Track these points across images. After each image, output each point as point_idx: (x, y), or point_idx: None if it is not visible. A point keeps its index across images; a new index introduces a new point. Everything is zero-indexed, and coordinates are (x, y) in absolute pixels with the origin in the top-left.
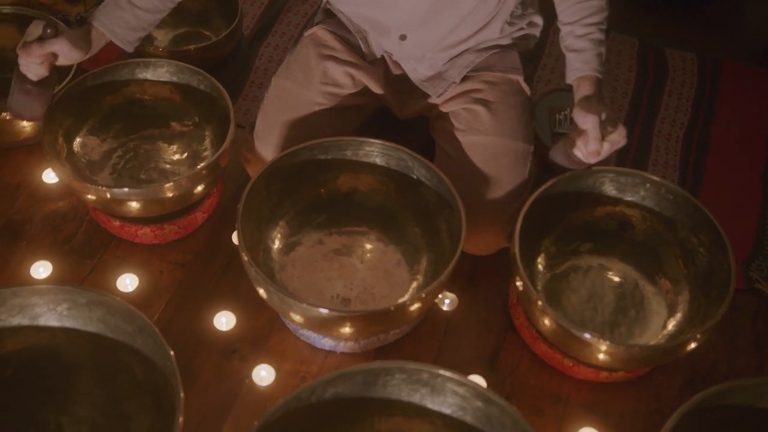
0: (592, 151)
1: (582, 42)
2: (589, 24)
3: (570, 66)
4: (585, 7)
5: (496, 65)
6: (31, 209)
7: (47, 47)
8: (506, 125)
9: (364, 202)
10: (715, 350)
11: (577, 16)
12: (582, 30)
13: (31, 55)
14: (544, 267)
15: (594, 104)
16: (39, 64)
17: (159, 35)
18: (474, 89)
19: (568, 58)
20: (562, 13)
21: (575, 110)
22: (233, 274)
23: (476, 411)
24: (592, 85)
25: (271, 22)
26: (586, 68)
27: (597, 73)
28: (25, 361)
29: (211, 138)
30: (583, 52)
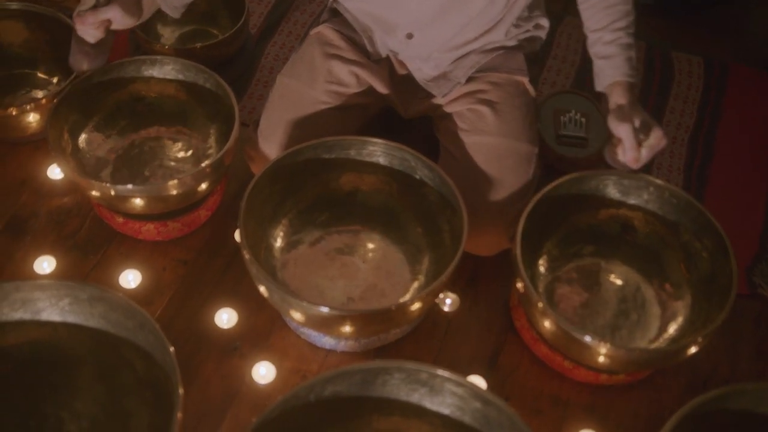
0: (630, 159)
1: (611, 48)
2: (617, 29)
3: (600, 73)
4: (612, 13)
5: (502, 66)
6: (36, 205)
7: (101, 15)
8: (510, 126)
9: (367, 201)
10: (716, 355)
11: (604, 21)
12: (610, 36)
13: (86, 23)
14: (546, 269)
15: (627, 112)
16: (95, 30)
17: (165, 33)
18: (479, 90)
19: (597, 65)
20: (589, 20)
21: (609, 119)
22: (235, 272)
23: (474, 411)
24: (625, 91)
25: (277, 21)
26: (617, 74)
27: (629, 78)
28: (27, 355)
29: (216, 136)
30: (612, 57)
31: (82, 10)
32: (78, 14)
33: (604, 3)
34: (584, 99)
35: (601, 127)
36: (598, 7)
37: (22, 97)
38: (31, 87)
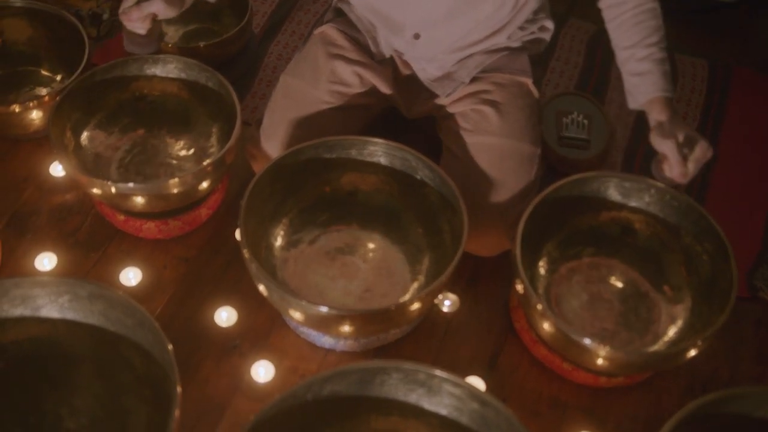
0: (677, 175)
1: (645, 64)
2: (649, 45)
3: (636, 90)
4: (642, 29)
5: (506, 67)
6: (38, 202)
7: (145, 10)
8: (514, 127)
9: (368, 201)
10: (716, 358)
11: (635, 38)
12: (643, 52)
13: (132, 20)
14: (546, 270)
15: (668, 128)
16: (141, 23)
17: (169, 31)
18: (483, 90)
19: (631, 82)
20: (619, 38)
21: (651, 137)
22: (236, 271)
23: (472, 412)
24: (664, 107)
25: (281, 21)
26: (654, 90)
27: (666, 93)
28: (26, 351)
29: (218, 135)
30: (648, 74)
31: (126, 7)
32: (123, 12)
33: (634, 20)
34: (587, 101)
35: (602, 129)
36: (628, 24)
37: (25, 95)
38: (35, 84)
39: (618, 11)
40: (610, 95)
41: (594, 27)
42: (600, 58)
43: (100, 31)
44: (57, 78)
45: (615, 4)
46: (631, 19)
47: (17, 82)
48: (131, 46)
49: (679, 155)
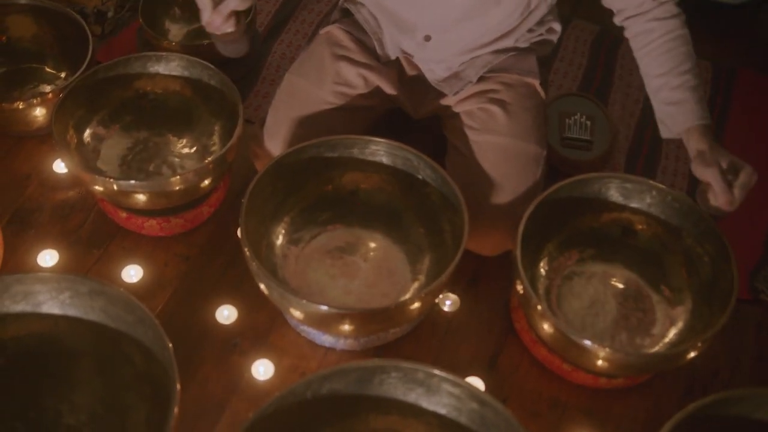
0: (724, 202)
1: (680, 93)
2: (683, 72)
3: (671, 119)
4: (674, 56)
5: (514, 68)
6: (41, 198)
7: (224, 11)
8: (521, 127)
9: (369, 200)
10: (717, 360)
11: (667, 66)
12: (677, 80)
13: (215, 26)
14: (547, 271)
15: (709, 156)
16: (226, 26)
17: (173, 29)
18: (490, 89)
19: (666, 111)
20: (649, 65)
21: (693, 167)
22: (237, 269)
23: (471, 412)
24: (702, 135)
25: (285, 20)
26: (692, 119)
27: (705, 121)
28: (27, 347)
29: (220, 133)
30: (684, 103)
31: (207, 15)
32: (206, 22)
33: (665, 47)
34: (590, 102)
35: (605, 130)
36: (658, 52)
37: (29, 92)
38: (39, 81)
39: (647, 39)
40: (613, 96)
41: (597, 28)
42: (603, 60)
43: (105, 29)
44: (61, 75)
45: (643, 32)
46: (661, 46)
47: (21, 79)
48: (227, 49)
49: (724, 182)
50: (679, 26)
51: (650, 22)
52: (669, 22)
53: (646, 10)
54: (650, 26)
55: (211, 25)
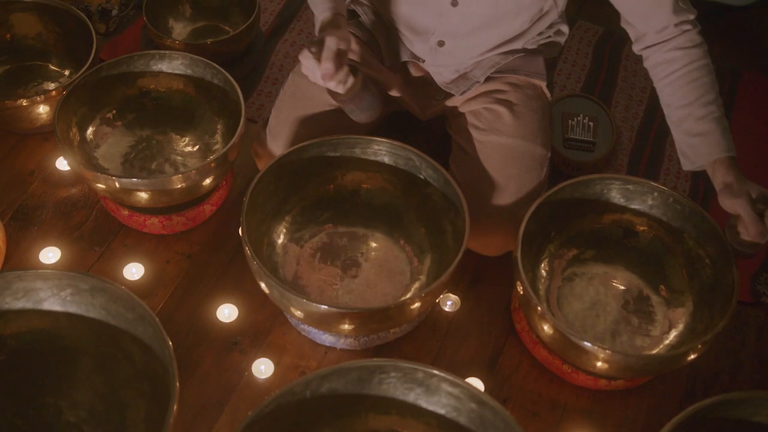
0: (755, 234)
1: (705, 124)
2: (707, 103)
3: (695, 151)
4: (697, 87)
5: (521, 69)
6: (44, 195)
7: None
8: (527, 129)
9: (371, 200)
10: (718, 363)
11: (691, 96)
12: (701, 111)
13: (331, 73)
14: (548, 272)
15: (737, 187)
16: (340, 73)
17: (177, 28)
18: (497, 90)
19: (689, 142)
20: (672, 96)
21: (720, 199)
22: (238, 267)
23: (470, 412)
24: (729, 167)
25: (289, 19)
26: (717, 151)
27: (731, 153)
28: (28, 344)
29: (223, 131)
30: (709, 134)
31: (319, 73)
32: (323, 78)
33: (688, 77)
34: (593, 103)
35: (608, 131)
36: (681, 82)
37: (33, 89)
38: (43, 79)
39: (669, 69)
40: (617, 98)
41: (601, 29)
42: (607, 61)
43: (109, 27)
44: (65, 73)
45: (664, 62)
46: (684, 76)
47: (25, 76)
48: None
49: (754, 213)
50: (702, 55)
51: (672, 51)
52: (692, 51)
53: (668, 38)
54: (672, 56)
55: (328, 74)
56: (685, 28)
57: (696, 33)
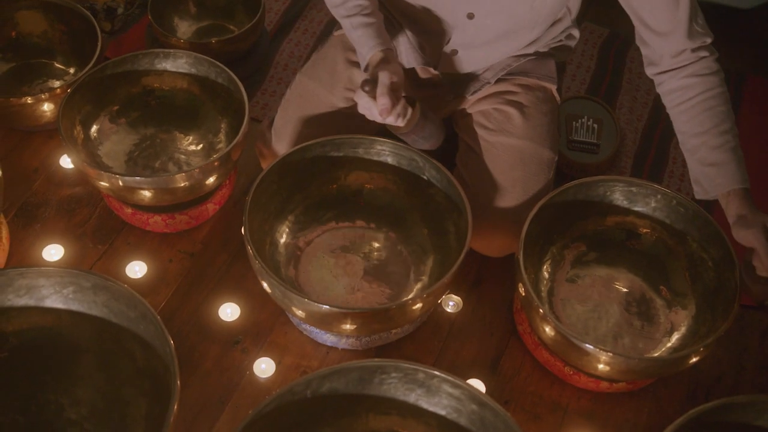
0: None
1: (720, 154)
2: (722, 132)
3: (709, 181)
4: (713, 115)
5: (533, 71)
6: (48, 193)
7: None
8: (536, 131)
9: (374, 200)
10: (720, 366)
11: (707, 125)
12: (716, 140)
13: (387, 108)
14: (550, 274)
15: (751, 219)
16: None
17: (182, 27)
18: (508, 91)
19: (704, 172)
20: (687, 123)
21: (734, 231)
22: (241, 267)
23: (471, 414)
24: (743, 199)
25: (294, 18)
26: (732, 183)
27: (745, 184)
28: (30, 341)
29: (226, 130)
30: (724, 165)
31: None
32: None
33: (704, 105)
34: (597, 105)
35: (612, 133)
36: (696, 110)
37: (38, 87)
38: (48, 77)
39: (684, 96)
40: (621, 100)
41: (607, 31)
42: (612, 63)
43: (114, 25)
44: (70, 71)
45: (679, 89)
46: (700, 104)
47: (30, 74)
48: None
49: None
50: (719, 83)
51: (688, 78)
52: (708, 79)
53: (684, 64)
54: (688, 82)
55: (385, 110)
56: (702, 55)
57: (713, 60)
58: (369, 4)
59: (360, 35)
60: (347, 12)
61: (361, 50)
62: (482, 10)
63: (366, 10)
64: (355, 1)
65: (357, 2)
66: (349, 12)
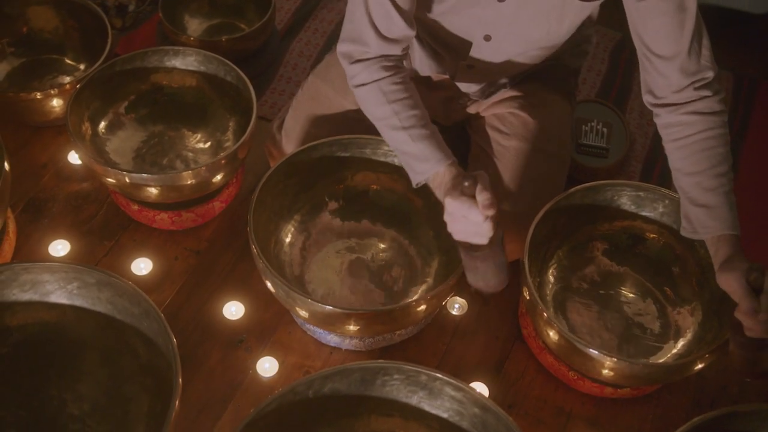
0: (747, 309)
1: (713, 197)
2: (718, 175)
3: (699, 222)
4: (711, 156)
5: (549, 77)
6: (55, 188)
7: (486, 188)
8: (552, 137)
9: (380, 201)
10: (726, 374)
11: (703, 165)
12: (711, 182)
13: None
14: (556, 278)
15: (737, 264)
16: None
17: (193, 24)
18: (524, 95)
19: (694, 211)
20: (682, 161)
21: (718, 276)
22: (246, 265)
23: (473, 417)
24: (731, 245)
25: (305, 18)
26: (722, 227)
27: (735, 231)
28: (35, 336)
29: (234, 129)
30: (716, 208)
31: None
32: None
33: (702, 145)
34: (607, 109)
35: (622, 138)
36: (693, 149)
37: (48, 82)
38: (58, 72)
39: (682, 132)
40: (632, 104)
41: (619, 35)
42: (623, 67)
43: (126, 22)
44: (80, 67)
45: (678, 124)
46: (698, 143)
47: (41, 69)
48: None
49: (748, 287)
50: (720, 124)
51: (689, 115)
52: (710, 118)
53: (685, 101)
54: (688, 120)
55: (490, 204)
56: (704, 94)
57: (716, 101)
58: (425, 114)
59: (422, 149)
60: (403, 123)
61: (423, 165)
62: (499, 33)
63: (423, 119)
64: (409, 111)
65: (412, 112)
66: (405, 123)
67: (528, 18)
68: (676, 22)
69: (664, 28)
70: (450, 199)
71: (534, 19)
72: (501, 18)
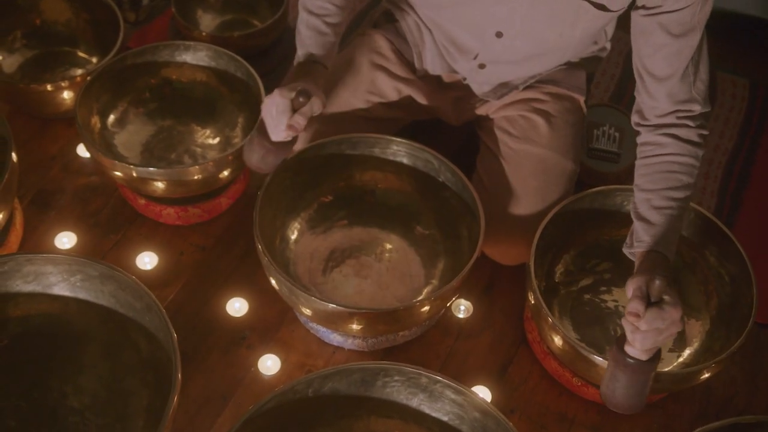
0: (630, 310)
1: (657, 215)
2: (669, 198)
3: (636, 236)
4: (669, 179)
5: (562, 81)
6: (64, 181)
7: (306, 116)
8: (561, 142)
9: (388, 200)
10: (734, 385)
11: (659, 185)
12: (660, 202)
13: (299, 127)
14: (562, 283)
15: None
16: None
17: (206, 20)
18: (536, 98)
19: (635, 226)
20: (642, 178)
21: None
22: (251, 262)
23: (473, 421)
24: (655, 263)
25: None
26: (655, 244)
27: (667, 253)
28: (37, 327)
29: (243, 125)
30: (655, 225)
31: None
32: (287, 128)
33: (664, 167)
34: (620, 113)
35: (634, 142)
36: (655, 168)
37: (60, 75)
38: (70, 65)
39: (653, 151)
40: None
41: None
42: None
43: (139, 16)
44: (93, 60)
45: (653, 143)
46: (662, 164)
47: (53, 62)
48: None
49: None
50: (692, 154)
51: (664, 137)
52: (683, 145)
53: (666, 124)
54: (662, 140)
55: (296, 126)
56: (685, 123)
57: (697, 133)
58: (337, 12)
59: (309, 36)
60: (312, 7)
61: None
62: (511, 30)
63: (330, 19)
64: (323, 2)
65: (325, 4)
66: (313, 9)
67: (541, 17)
68: (678, 45)
69: (664, 49)
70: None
71: (547, 20)
72: (513, 14)
